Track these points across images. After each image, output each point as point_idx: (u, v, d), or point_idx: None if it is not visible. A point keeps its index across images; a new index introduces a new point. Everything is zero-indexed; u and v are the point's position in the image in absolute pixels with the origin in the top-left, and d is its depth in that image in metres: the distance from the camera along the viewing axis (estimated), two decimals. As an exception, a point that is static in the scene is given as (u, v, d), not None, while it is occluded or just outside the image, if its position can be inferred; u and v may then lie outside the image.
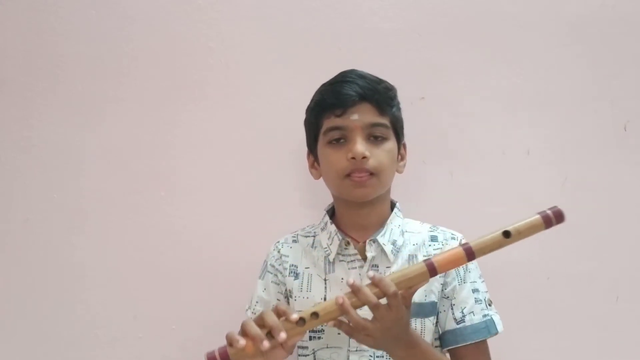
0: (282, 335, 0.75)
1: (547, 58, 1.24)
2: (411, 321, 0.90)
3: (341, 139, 0.91)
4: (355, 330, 0.79)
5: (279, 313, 0.78)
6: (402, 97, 1.01)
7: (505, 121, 1.23)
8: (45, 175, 1.27)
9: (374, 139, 0.92)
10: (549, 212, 0.80)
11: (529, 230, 0.79)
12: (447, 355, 0.96)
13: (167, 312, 1.24)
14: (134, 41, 1.26)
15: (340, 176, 0.91)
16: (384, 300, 0.78)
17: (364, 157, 0.89)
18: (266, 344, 0.74)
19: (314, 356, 0.95)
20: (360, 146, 0.89)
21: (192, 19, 1.26)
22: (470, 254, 0.78)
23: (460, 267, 0.93)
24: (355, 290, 0.78)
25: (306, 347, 0.96)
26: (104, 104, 1.27)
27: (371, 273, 0.79)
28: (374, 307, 0.77)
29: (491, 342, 0.97)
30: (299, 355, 0.98)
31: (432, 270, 0.78)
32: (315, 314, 0.78)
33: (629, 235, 1.22)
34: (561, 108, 1.23)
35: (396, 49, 1.24)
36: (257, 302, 1.02)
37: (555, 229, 1.21)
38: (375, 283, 0.78)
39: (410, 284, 0.78)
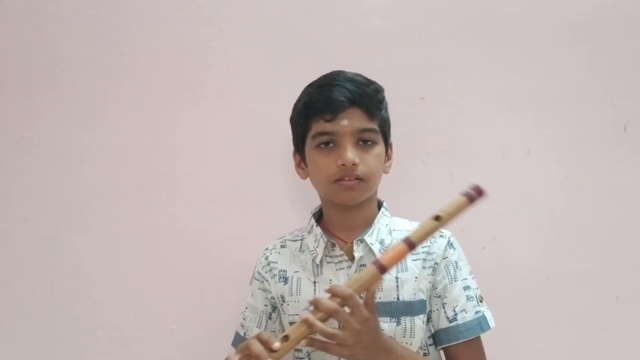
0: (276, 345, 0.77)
1: (547, 58, 1.24)
2: (400, 320, 0.91)
3: (330, 143, 0.91)
4: (328, 344, 0.80)
5: (262, 341, 0.80)
6: (402, 97, 1.01)
7: (505, 121, 1.23)
8: (46, 175, 1.27)
9: (363, 143, 0.92)
10: (469, 190, 0.85)
11: (456, 210, 0.84)
12: (442, 353, 0.97)
13: (167, 312, 1.24)
14: (134, 41, 1.27)
15: (329, 181, 0.91)
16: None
17: (354, 164, 0.89)
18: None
19: (309, 358, 0.96)
20: (350, 153, 0.89)
21: (192, 18, 1.26)
22: (410, 244, 0.82)
23: (450, 265, 0.94)
24: (315, 304, 0.80)
25: (300, 350, 0.97)
26: (104, 104, 1.27)
27: (327, 286, 0.81)
28: (335, 314, 0.79)
29: (491, 341, 0.97)
30: (296, 357, 0.99)
31: (381, 268, 0.81)
32: (285, 337, 0.79)
33: (629, 234, 1.22)
34: (561, 108, 1.23)
35: (396, 49, 1.24)
36: (246, 307, 1.04)
37: (556, 229, 1.22)
38: (332, 293, 0.80)
39: (366, 286, 0.81)
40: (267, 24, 1.25)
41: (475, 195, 0.85)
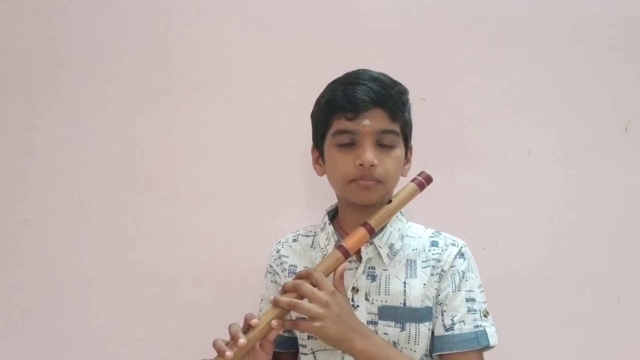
0: (241, 341, 0.80)
1: (548, 58, 1.23)
2: (405, 325, 0.90)
3: (350, 142, 0.90)
4: (298, 321, 0.85)
5: (245, 320, 0.85)
6: (403, 97, 1.00)
7: (507, 122, 1.23)
8: (46, 176, 1.27)
9: (383, 145, 0.91)
10: (419, 177, 0.93)
11: (408, 196, 0.92)
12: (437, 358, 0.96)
13: (168, 313, 1.24)
14: (134, 41, 1.26)
15: (346, 181, 0.91)
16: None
17: (372, 165, 0.88)
18: (229, 354, 0.80)
19: (314, 356, 0.96)
20: (369, 154, 0.88)
21: (192, 19, 1.26)
22: (370, 229, 0.89)
23: (456, 274, 0.92)
24: (282, 287, 0.86)
25: (305, 346, 0.97)
26: (104, 104, 1.26)
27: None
28: (298, 287, 0.84)
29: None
30: (300, 353, 0.99)
31: (344, 253, 0.88)
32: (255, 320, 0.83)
33: (630, 235, 1.22)
34: (562, 108, 1.23)
35: (397, 49, 1.23)
36: (262, 299, 1.06)
37: (557, 230, 1.22)
38: (296, 277, 0.87)
39: (331, 269, 0.87)
40: (268, 24, 1.25)
41: (424, 182, 0.93)
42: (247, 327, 0.84)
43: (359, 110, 0.88)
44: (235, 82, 1.26)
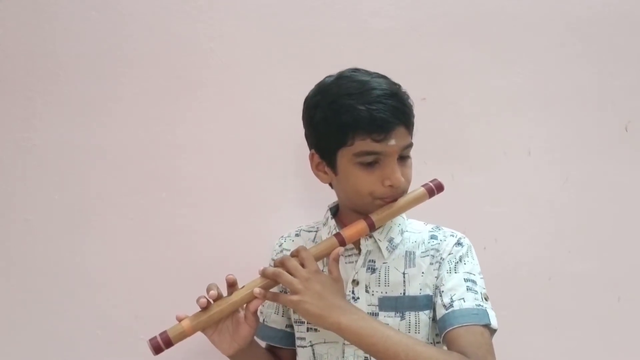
0: (212, 292, 0.89)
1: (548, 58, 1.23)
2: (405, 314, 0.91)
3: (374, 162, 0.89)
4: (279, 294, 0.87)
5: (228, 282, 0.91)
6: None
7: (507, 121, 1.23)
8: (46, 176, 1.27)
9: (402, 157, 0.91)
10: (430, 184, 0.94)
11: (415, 200, 0.93)
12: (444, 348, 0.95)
13: (168, 313, 1.24)
14: (134, 41, 1.26)
15: (373, 197, 0.91)
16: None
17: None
18: (203, 300, 0.89)
19: (312, 349, 0.96)
20: (399, 175, 0.89)
21: (192, 19, 1.26)
22: (371, 224, 0.90)
23: (453, 259, 0.93)
24: (275, 262, 0.90)
25: (303, 339, 0.97)
26: (104, 104, 1.26)
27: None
28: (285, 262, 0.86)
29: (493, 342, 0.96)
30: (297, 346, 1.00)
31: (341, 241, 0.89)
32: (243, 287, 0.89)
33: (630, 235, 1.23)
34: (562, 108, 1.23)
35: (397, 49, 1.24)
36: None
37: (557, 230, 1.22)
38: (290, 254, 0.90)
39: (324, 253, 0.89)
40: (268, 24, 1.25)
41: (434, 189, 0.93)
42: (229, 293, 0.90)
43: (388, 132, 0.87)
44: (235, 82, 1.26)
